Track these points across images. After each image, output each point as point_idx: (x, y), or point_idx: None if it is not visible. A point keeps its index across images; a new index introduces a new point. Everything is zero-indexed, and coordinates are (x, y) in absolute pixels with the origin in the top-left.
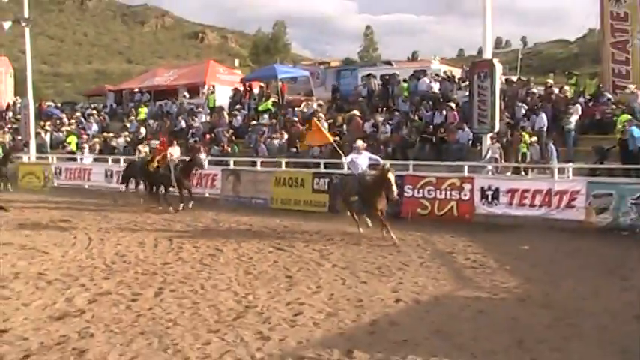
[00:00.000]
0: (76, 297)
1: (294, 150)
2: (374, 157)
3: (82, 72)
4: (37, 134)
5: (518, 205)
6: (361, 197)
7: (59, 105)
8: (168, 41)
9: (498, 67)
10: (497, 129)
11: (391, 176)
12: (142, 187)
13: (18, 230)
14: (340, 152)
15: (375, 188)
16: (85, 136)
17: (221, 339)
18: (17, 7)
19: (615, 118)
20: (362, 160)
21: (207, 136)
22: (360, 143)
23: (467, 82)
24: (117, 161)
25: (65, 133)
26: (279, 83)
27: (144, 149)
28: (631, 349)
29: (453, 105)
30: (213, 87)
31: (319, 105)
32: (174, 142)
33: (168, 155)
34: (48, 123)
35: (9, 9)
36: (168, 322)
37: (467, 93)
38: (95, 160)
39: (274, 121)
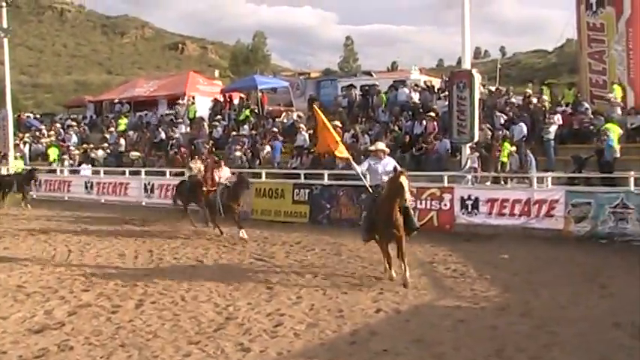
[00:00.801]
0: (56, 309)
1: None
2: (396, 165)
3: (62, 83)
4: (16, 146)
5: (498, 214)
6: (378, 220)
7: (38, 116)
8: (149, 52)
9: (477, 77)
10: (476, 139)
11: (404, 181)
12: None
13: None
14: (349, 159)
15: (390, 202)
16: (64, 148)
17: (202, 350)
18: None
19: (592, 128)
20: (382, 167)
21: (184, 148)
22: (381, 145)
23: (446, 92)
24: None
25: (45, 144)
26: (259, 94)
27: (195, 166)
28: (610, 356)
29: (432, 115)
30: (194, 98)
31: (299, 116)
32: (222, 162)
33: (217, 178)
34: (27, 134)
35: None
36: (149, 335)
37: (446, 103)
38: (95, 172)
39: (254, 132)
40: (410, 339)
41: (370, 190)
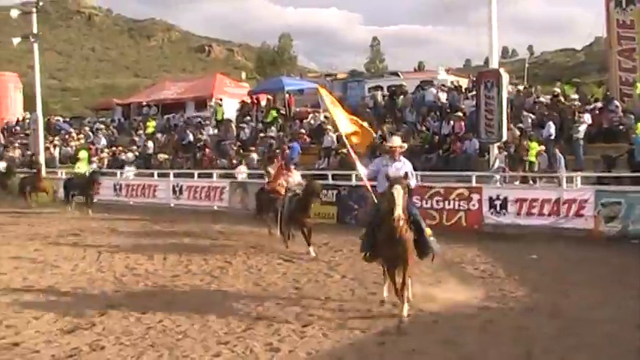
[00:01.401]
0: (87, 310)
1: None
2: (413, 173)
3: (90, 86)
4: (46, 149)
5: (527, 214)
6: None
7: (67, 120)
8: (175, 55)
9: (505, 77)
10: (504, 138)
11: (397, 192)
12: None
13: (28, 244)
14: (355, 158)
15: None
16: (93, 150)
17: (231, 350)
18: (25, 23)
19: (621, 127)
20: (394, 171)
21: (208, 149)
22: (397, 141)
23: (474, 92)
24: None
25: (75, 147)
26: (286, 95)
27: (273, 170)
28: (639, 358)
29: (460, 115)
30: (221, 100)
31: (326, 117)
32: (292, 167)
33: (284, 182)
34: (57, 138)
35: (17, 25)
36: (179, 335)
37: (474, 103)
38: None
39: (281, 133)
40: (438, 339)
41: (375, 199)
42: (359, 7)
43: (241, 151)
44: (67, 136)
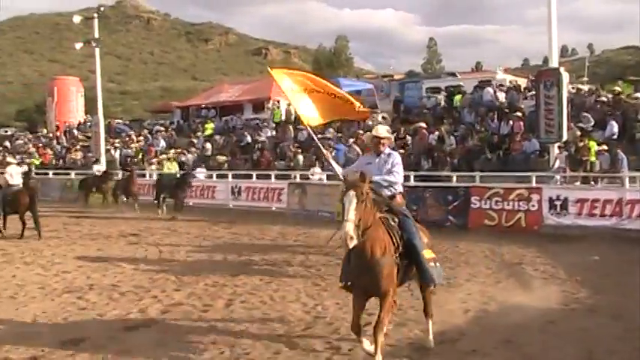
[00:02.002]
0: (149, 308)
1: None
2: (395, 170)
3: (149, 90)
4: (107, 151)
5: (588, 215)
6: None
7: (127, 122)
8: (232, 58)
9: (565, 76)
10: (564, 138)
11: (346, 202)
12: None
13: (91, 244)
14: (327, 153)
15: None
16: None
17: (291, 349)
18: (87, 28)
19: None
20: (377, 169)
21: (266, 151)
22: (382, 130)
23: (533, 92)
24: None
25: (134, 149)
26: None
27: None
28: None
29: (519, 115)
30: (278, 102)
31: (383, 117)
32: None
33: None
34: (117, 140)
35: (79, 30)
36: (239, 333)
37: (533, 102)
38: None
39: (339, 134)
40: (498, 340)
41: None
42: (415, 7)
43: (299, 152)
44: (127, 139)
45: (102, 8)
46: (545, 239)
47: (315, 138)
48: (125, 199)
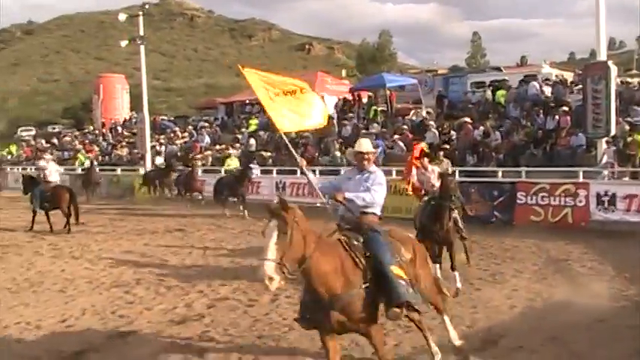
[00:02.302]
0: (195, 302)
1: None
2: (374, 189)
3: (193, 86)
4: (152, 147)
5: (637, 211)
6: None
7: (172, 119)
8: (276, 54)
9: (613, 69)
10: (612, 133)
11: (267, 233)
12: None
13: (137, 239)
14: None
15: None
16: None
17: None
18: (132, 26)
19: None
20: (354, 186)
21: (310, 147)
22: (365, 145)
23: (579, 86)
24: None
25: (179, 145)
26: (388, 92)
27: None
28: None
29: (565, 109)
30: (322, 97)
31: (428, 112)
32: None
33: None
34: (162, 136)
35: (123, 28)
36: (285, 327)
37: (580, 97)
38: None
39: (384, 129)
40: (545, 336)
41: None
42: (459, 1)
43: (343, 148)
44: (172, 135)
45: (147, 6)
46: (592, 235)
47: (289, 145)
48: (186, 194)
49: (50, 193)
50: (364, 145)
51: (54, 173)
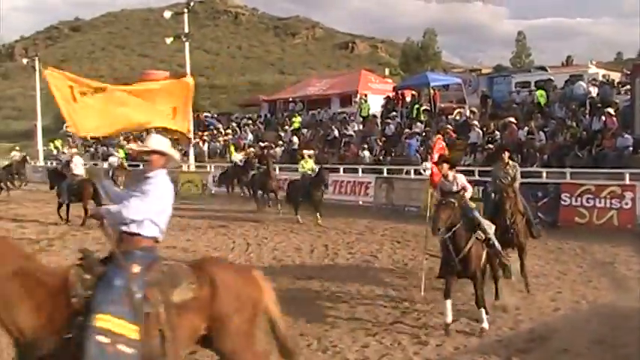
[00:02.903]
0: None
1: None
2: (138, 198)
3: (236, 83)
4: (196, 144)
5: None
6: None
7: (215, 115)
8: (319, 52)
9: None
10: None
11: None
12: None
13: (180, 235)
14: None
15: None
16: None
17: (379, 342)
18: (176, 23)
19: None
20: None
21: (354, 146)
22: (154, 143)
23: (627, 86)
24: None
25: (223, 142)
26: (432, 91)
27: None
28: None
29: (612, 110)
30: (366, 96)
31: (472, 112)
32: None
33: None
34: (206, 133)
35: (168, 25)
36: (326, 325)
37: (627, 97)
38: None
39: (428, 129)
40: (591, 339)
41: None
42: (504, 0)
43: (386, 147)
44: (215, 132)
45: (191, 3)
46: (639, 238)
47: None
48: (263, 195)
49: (77, 185)
50: (151, 141)
51: (79, 166)
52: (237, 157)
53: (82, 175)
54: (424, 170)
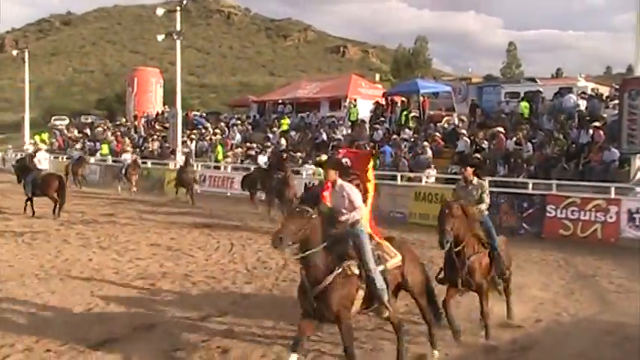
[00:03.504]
0: (220, 299)
1: None
2: None
3: (227, 83)
4: (183, 142)
5: None
6: None
7: (204, 115)
8: (311, 55)
9: None
10: None
11: None
12: None
13: (165, 233)
14: None
15: None
16: (228, 146)
17: (359, 347)
18: (168, 21)
19: None
20: None
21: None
22: None
23: (616, 101)
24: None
25: (211, 141)
26: (421, 98)
27: None
28: None
29: (599, 124)
30: (355, 101)
31: (461, 120)
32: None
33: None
34: (194, 132)
35: (160, 22)
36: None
37: (615, 112)
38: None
39: (415, 135)
40: (571, 352)
41: None
42: (497, 11)
43: (374, 151)
44: (203, 131)
45: (184, 2)
46: (622, 252)
47: None
48: (279, 201)
49: (41, 180)
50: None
51: (43, 161)
52: (262, 159)
53: (47, 169)
54: (427, 177)
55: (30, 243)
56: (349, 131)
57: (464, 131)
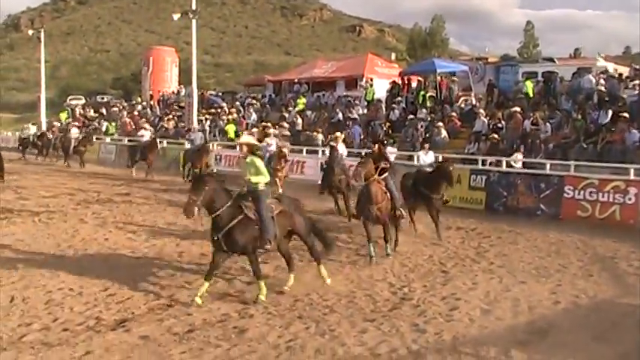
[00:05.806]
0: (235, 279)
1: None
2: None
3: (242, 63)
4: (199, 122)
5: None
6: None
7: (220, 94)
8: (326, 34)
9: None
10: None
11: None
12: None
13: (181, 212)
14: None
15: None
16: (243, 125)
17: (377, 328)
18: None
19: None
20: None
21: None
22: None
23: (635, 81)
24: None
25: (226, 120)
26: (438, 78)
27: None
28: None
29: (619, 104)
30: (372, 80)
31: (478, 100)
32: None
33: None
34: (210, 111)
35: (176, 1)
36: (325, 309)
37: (635, 92)
38: None
39: (432, 115)
40: (590, 335)
41: None
42: None
43: (390, 131)
44: (219, 110)
45: None
46: None
47: None
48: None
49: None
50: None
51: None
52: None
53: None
54: (514, 162)
55: (47, 222)
56: (365, 111)
57: (481, 111)
